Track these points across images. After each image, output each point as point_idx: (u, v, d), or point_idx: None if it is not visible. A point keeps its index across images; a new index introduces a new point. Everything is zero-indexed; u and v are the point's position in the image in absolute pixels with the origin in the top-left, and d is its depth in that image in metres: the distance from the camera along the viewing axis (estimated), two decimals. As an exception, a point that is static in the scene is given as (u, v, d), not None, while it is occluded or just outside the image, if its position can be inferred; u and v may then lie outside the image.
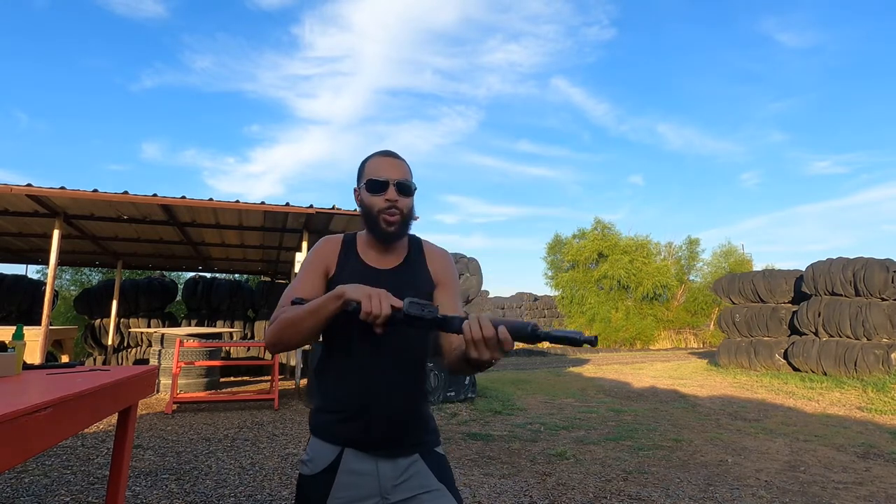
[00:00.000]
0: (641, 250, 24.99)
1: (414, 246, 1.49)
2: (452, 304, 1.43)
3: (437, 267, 1.47)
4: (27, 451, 1.19)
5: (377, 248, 1.41)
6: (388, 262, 1.42)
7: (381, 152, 1.44)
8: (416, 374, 1.37)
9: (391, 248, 1.42)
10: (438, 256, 1.50)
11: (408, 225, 1.40)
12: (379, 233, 1.36)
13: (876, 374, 9.08)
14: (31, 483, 3.73)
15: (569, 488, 3.80)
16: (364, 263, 1.40)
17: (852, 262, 10.10)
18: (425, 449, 1.34)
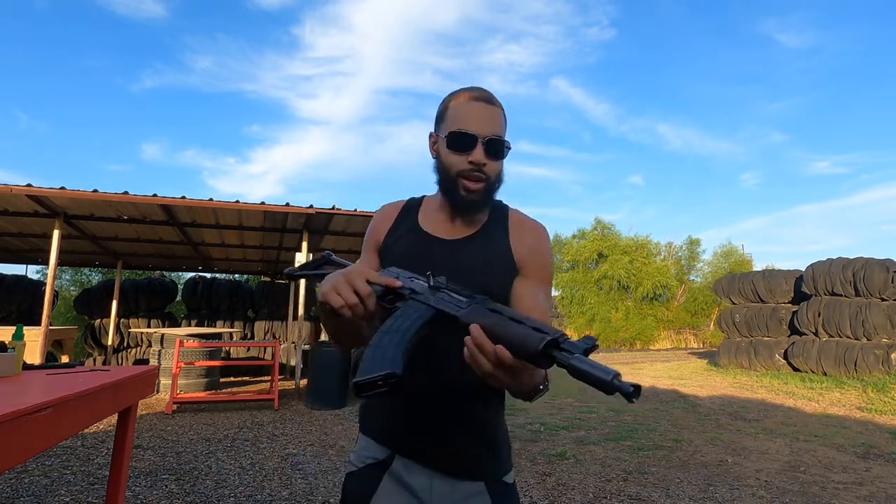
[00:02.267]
0: (641, 250, 25.00)
1: (495, 214, 1.17)
2: (532, 301, 1.08)
3: (523, 245, 1.13)
4: (27, 451, 1.19)
5: (447, 214, 1.14)
6: (454, 231, 1.14)
7: (471, 91, 1.11)
8: None
9: (470, 216, 1.13)
10: (529, 232, 1.16)
11: (493, 194, 1.11)
12: (455, 199, 1.09)
13: (876, 375, 9.08)
14: (31, 483, 3.73)
15: (569, 488, 3.80)
16: (420, 230, 1.15)
17: (852, 262, 10.11)
18: (494, 479, 1.07)
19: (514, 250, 1.12)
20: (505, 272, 1.11)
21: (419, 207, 1.21)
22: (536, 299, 1.10)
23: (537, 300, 1.10)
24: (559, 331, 0.70)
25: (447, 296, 0.86)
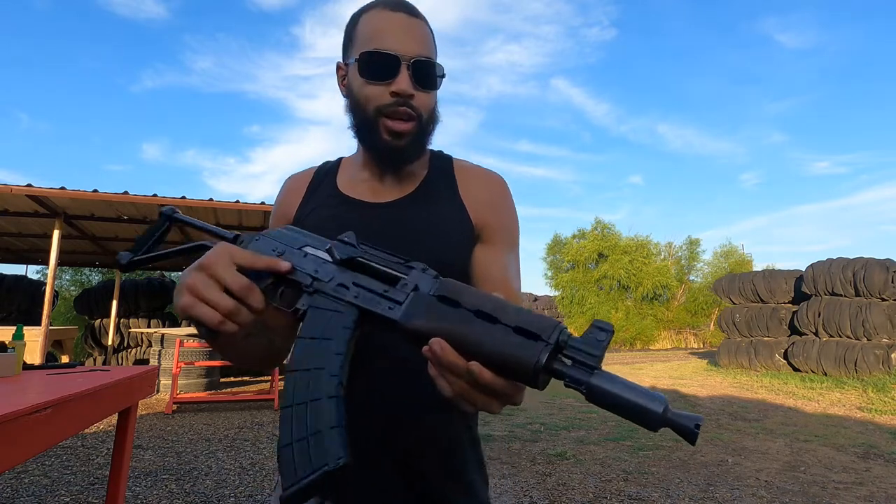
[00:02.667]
0: (641, 250, 25.01)
1: (437, 166, 0.93)
2: (500, 273, 0.87)
3: (480, 202, 0.89)
4: (27, 451, 1.19)
5: (372, 171, 0.90)
6: (385, 193, 0.89)
7: (385, 2, 0.85)
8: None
9: (398, 171, 0.89)
10: (485, 184, 0.91)
11: (427, 136, 0.86)
12: (377, 147, 0.84)
13: (876, 375, 9.08)
14: (31, 483, 3.73)
15: (569, 488, 3.80)
16: (341, 196, 0.89)
17: (852, 262, 10.11)
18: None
19: (470, 209, 0.88)
20: (462, 240, 0.86)
21: (337, 170, 0.95)
22: (507, 271, 0.88)
23: (508, 273, 0.87)
24: (555, 322, 0.50)
25: (369, 277, 0.60)
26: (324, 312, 0.59)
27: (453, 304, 0.54)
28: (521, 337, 0.50)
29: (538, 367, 0.48)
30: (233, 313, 0.57)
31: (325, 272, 0.62)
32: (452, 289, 0.56)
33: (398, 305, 0.57)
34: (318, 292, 0.61)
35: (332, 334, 0.58)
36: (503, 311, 0.52)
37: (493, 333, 0.51)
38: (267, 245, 0.67)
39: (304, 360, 0.57)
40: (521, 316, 0.52)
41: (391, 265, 0.60)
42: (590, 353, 0.49)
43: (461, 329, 0.52)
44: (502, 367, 0.50)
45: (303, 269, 0.63)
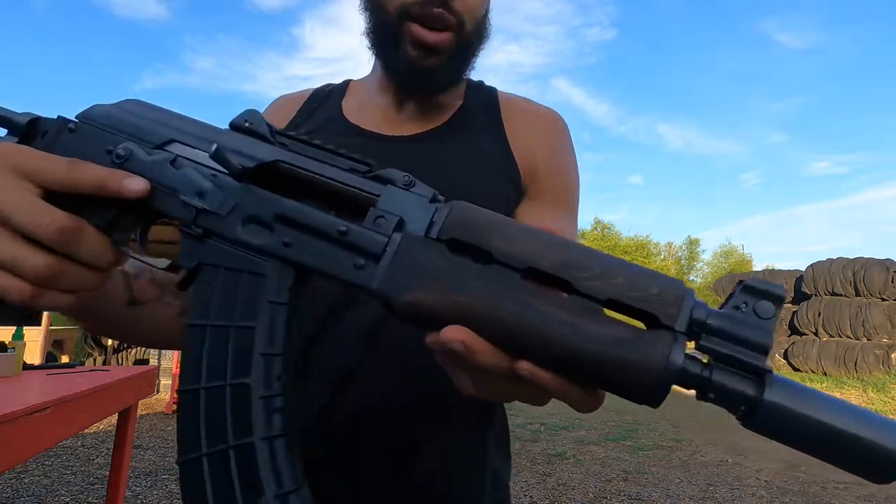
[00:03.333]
0: (641, 250, 25.06)
1: (476, 96, 0.73)
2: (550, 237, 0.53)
3: (528, 144, 0.69)
4: (27, 451, 1.19)
5: (390, 97, 0.71)
6: (404, 124, 0.69)
7: None
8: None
9: (423, 100, 0.70)
10: (536, 122, 0.72)
11: (470, 53, 0.67)
12: (398, 64, 0.65)
13: (876, 375, 9.08)
14: (31, 483, 3.73)
15: (569, 488, 3.80)
16: (345, 122, 0.70)
17: (852, 262, 10.11)
18: None
19: (517, 153, 0.68)
20: (504, 191, 0.65)
21: (343, 94, 0.75)
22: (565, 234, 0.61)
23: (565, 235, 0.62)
24: (681, 287, 0.31)
25: (305, 203, 0.36)
26: (229, 275, 0.35)
27: (478, 253, 0.32)
28: (618, 320, 0.30)
29: (664, 376, 0.29)
30: (49, 277, 0.35)
31: (219, 196, 0.37)
32: (474, 223, 0.33)
33: (371, 261, 0.34)
34: (211, 236, 0.36)
35: (251, 315, 0.35)
36: (575, 265, 0.31)
37: (560, 312, 0.30)
38: (95, 141, 0.39)
39: (208, 366, 0.34)
40: (611, 271, 0.31)
41: (346, 178, 0.37)
42: (752, 341, 0.30)
43: (502, 304, 0.30)
44: (582, 373, 0.30)
45: (174, 187, 0.37)
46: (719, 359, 0.30)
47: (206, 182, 0.37)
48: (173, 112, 0.42)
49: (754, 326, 0.30)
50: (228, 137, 0.39)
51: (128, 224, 0.39)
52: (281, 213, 0.35)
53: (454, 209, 0.35)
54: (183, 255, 0.37)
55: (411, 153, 0.66)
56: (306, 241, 0.35)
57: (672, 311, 0.30)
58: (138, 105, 0.42)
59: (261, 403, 0.34)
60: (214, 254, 0.36)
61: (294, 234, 0.35)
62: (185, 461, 0.33)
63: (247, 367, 0.34)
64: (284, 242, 0.35)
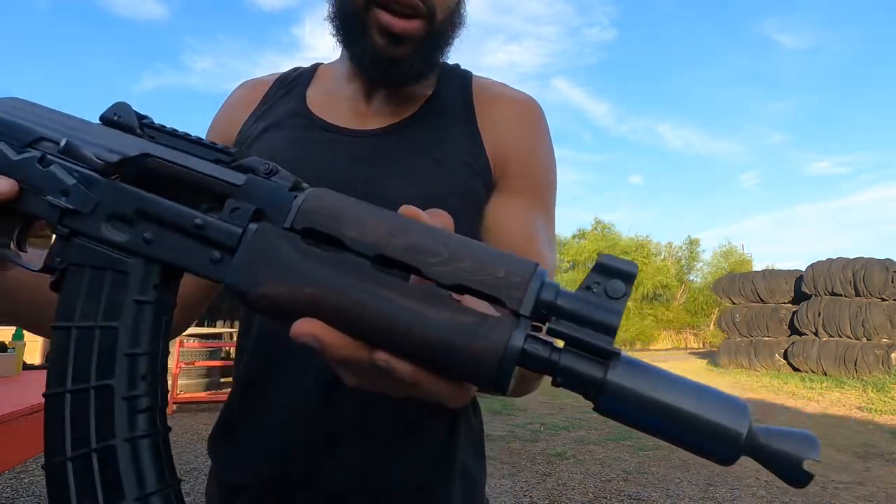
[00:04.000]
0: (641, 250, 25.04)
1: (450, 85, 0.69)
2: (523, 231, 0.63)
3: (500, 132, 0.66)
4: (27, 451, 1.19)
5: (358, 87, 0.67)
6: (371, 117, 0.66)
7: None
8: (427, 414, 0.61)
9: (392, 90, 0.66)
10: (509, 109, 0.68)
11: (442, 42, 0.63)
12: (364, 53, 0.61)
13: (876, 374, 9.08)
14: (31, 483, 3.73)
15: (569, 488, 3.80)
16: (309, 116, 0.66)
17: (852, 262, 10.11)
18: None
19: (489, 145, 0.64)
20: (472, 186, 0.63)
21: (309, 79, 0.71)
22: (532, 229, 0.63)
23: (534, 232, 0.63)
24: (528, 264, 0.30)
25: (167, 197, 0.36)
26: (94, 274, 0.35)
27: (330, 241, 0.32)
28: (465, 307, 0.29)
29: (504, 362, 0.28)
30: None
31: (82, 194, 0.36)
32: (327, 211, 0.32)
33: (227, 254, 0.33)
34: (77, 235, 0.36)
35: (115, 315, 0.34)
36: (423, 249, 0.30)
37: (404, 299, 0.29)
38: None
39: (74, 369, 0.34)
40: (459, 254, 0.30)
41: (209, 168, 0.36)
42: (599, 322, 0.29)
43: (348, 293, 0.30)
44: (430, 361, 0.29)
45: (40, 187, 0.37)
46: (568, 342, 0.29)
47: (70, 180, 0.36)
48: (54, 110, 0.41)
49: (602, 307, 0.29)
50: (97, 131, 0.39)
51: (4, 226, 0.39)
52: (141, 207, 0.35)
53: (308, 197, 0.33)
54: (52, 255, 0.36)
55: (377, 149, 0.63)
56: (165, 235, 0.35)
57: (517, 294, 0.29)
58: (17, 102, 0.41)
59: (124, 405, 0.33)
60: (80, 253, 0.35)
61: (154, 229, 0.35)
62: (50, 466, 0.33)
63: (110, 368, 0.33)
64: (145, 238, 0.35)
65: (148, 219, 0.35)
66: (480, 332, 0.28)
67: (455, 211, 0.56)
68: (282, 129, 0.66)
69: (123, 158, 0.37)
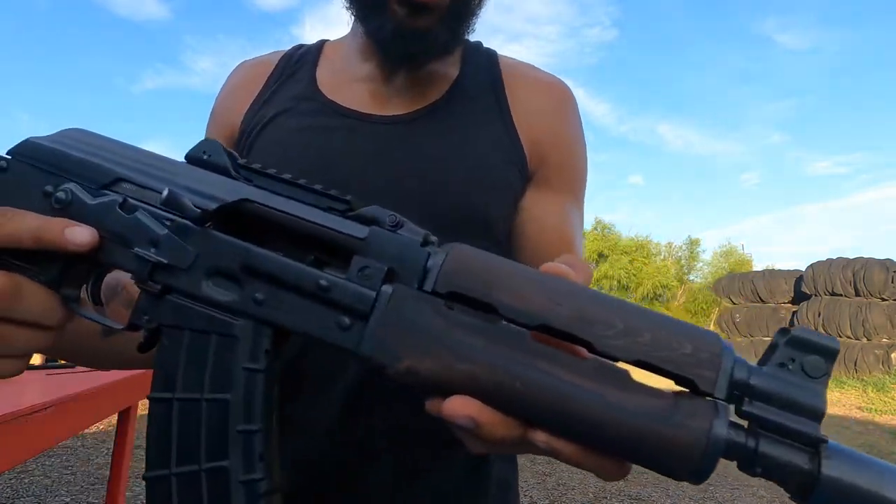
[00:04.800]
0: (641, 251, 25.06)
1: (477, 66, 0.64)
2: (560, 224, 0.60)
3: (535, 122, 0.61)
4: (27, 451, 1.19)
5: (375, 68, 0.61)
6: (394, 102, 0.60)
7: None
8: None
9: (414, 70, 0.60)
10: (543, 95, 0.63)
11: (466, 15, 0.57)
12: (383, 28, 0.55)
13: (876, 374, 9.08)
14: (31, 483, 3.73)
15: (569, 488, 3.80)
16: (321, 98, 0.60)
17: (852, 262, 10.12)
18: None
19: (523, 134, 0.60)
20: (510, 179, 0.59)
21: (316, 57, 0.65)
22: (569, 224, 0.60)
23: (570, 227, 0.60)
24: (715, 341, 0.28)
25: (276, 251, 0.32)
26: (195, 338, 0.31)
27: (479, 306, 0.28)
28: (647, 387, 0.27)
29: (707, 454, 0.26)
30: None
31: (177, 245, 0.32)
32: (475, 273, 0.29)
33: (359, 321, 0.29)
34: (171, 291, 0.32)
35: (224, 385, 0.31)
36: (594, 320, 0.27)
37: (580, 379, 0.26)
38: (31, 182, 0.34)
39: (179, 448, 0.30)
40: (636, 326, 0.27)
41: (323, 218, 0.32)
42: (802, 405, 0.26)
43: (511, 371, 0.26)
44: (609, 447, 0.27)
45: (124, 236, 0.32)
46: (766, 427, 0.26)
47: (160, 229, 0.32)
48: (122, 143, 0.37)
49: (803, 387, 0.26)
50: (184, 173, 0.34)
51: (78, 275, 0.35)
52: (249, 263, 0.31)
53: (450, 256, 0.29)
54: (138, 313, 0.32)
55: (403, 138, 0.57)
56: (281, 297, 0.30)
57: (709, 375, 0.26)
58: (81, 135, 0.37)
59: (241, 489, 0.29)
60: (176, 313, 0.31)
61: (267, 288, 0.31)
62: None
63: (223, 447, 0.29)
64: (256, 299, 0.31)
65: (258, 276, 0.31)
66: (677, 420, 0.26)
67: (490, 204, 0.57)
68: (292, 116, 0.59)
69: (221, 206, 0.32)
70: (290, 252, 0.32)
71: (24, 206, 0.33)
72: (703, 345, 0.27)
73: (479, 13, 0.59)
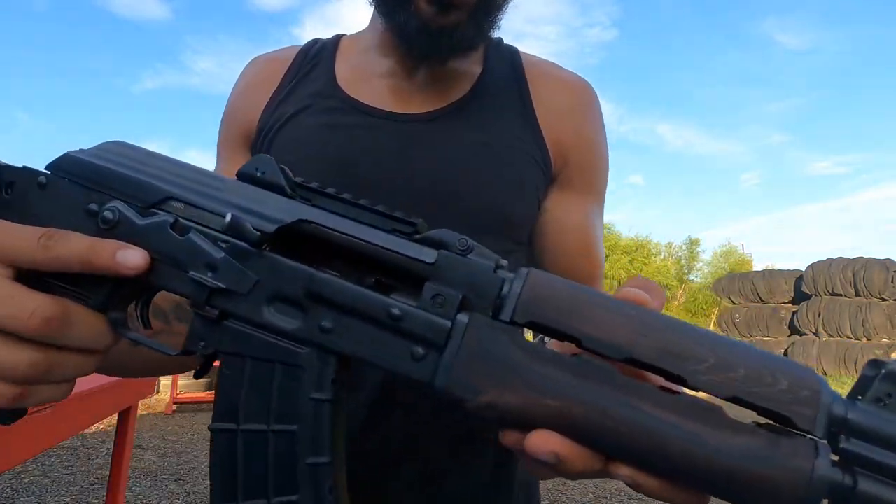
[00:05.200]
0: (641, 251, 25.06)
1: (500, 62, 0.63)
2: (584, 223, 0.61)
3: (559, 122, 0.61)
4: (27, 451, 1.19)
5: (397, 64, 0.60)
6: (417, 100, 0.59)
7: None
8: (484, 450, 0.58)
9: (438, 66, 0.59)
10: (566, 95, 0.63)
11: (493, 11, 0.56)
12: (408, 23, 0.53)
13: (876, 375, 9.09)
14: (31, 483, 3.73)
15: (569, 488, 3.80)
16: (341, 95, 0.59)
17: (852, 262, 10.12)
18: None
19: (548, 134, 0.59)
20: (534, 181, 0.58)
21: (333, 52, 0.63)
22: (591, 226, 0.61)
23: (592, 230, 0.61)
24: (812, 377, 0.27)
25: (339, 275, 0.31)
26: (258, 367, 0.30)
27: (560, 337, 0.28)
28: (743, 425, 0.26)
29: (809, 495, 0.25)
30: (36, 376, 0.30)
31: (235, 270, 0.30)
32: (554, 302, 0.28)
33: (433, 351, 0.28)
34: (228, 317, 0.31)
35: (291, 416, 0.30)
36: (685, 354, 0.26)
37: (673, 416, 0.26)
38: (73, 199, 0.33)
39: (245, 482, 0.29)
40: (730, 361, 0.26)
41: (390, 241, 0.30)
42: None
43: (600, 407, 0.26)
44: (700, 486, 0.26)
45: (179, 259, 0.31)
46: (865, 465, 0.25)
47: (217, 252, 0.30)
48: (166, 157, 0.35)
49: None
50: (236, 190, 0.32)
51: (125, 296, 0.33)
52: (314, 289, 0.29)
53: (528, 284, 0.28)
54: (194, 338, 0.31)
55: (425, 136, 0.55)
56: (350, 325, 0.29)
57: (809, 413, 0.26)
58: (122, 149, 0.35)
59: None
60: (236, 340, 0.30)
61: (333, 316, 0.29)
62: None
63: (292, 481, 0.28)
64: (322, 327, 0.29)
65: (323, 303, 0.29)
66: (777, 460, 0.25)
67: (513, 205, 0.56)
68: (311, 113, 0.57)
69: (282, 227, 0.30)
70: (347, 273, 0.31)
71: (66, 225, 0.31)
72: (800, 381, 0.26)
73: (507, 7, 0.57)
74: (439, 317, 0.28)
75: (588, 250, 0.60)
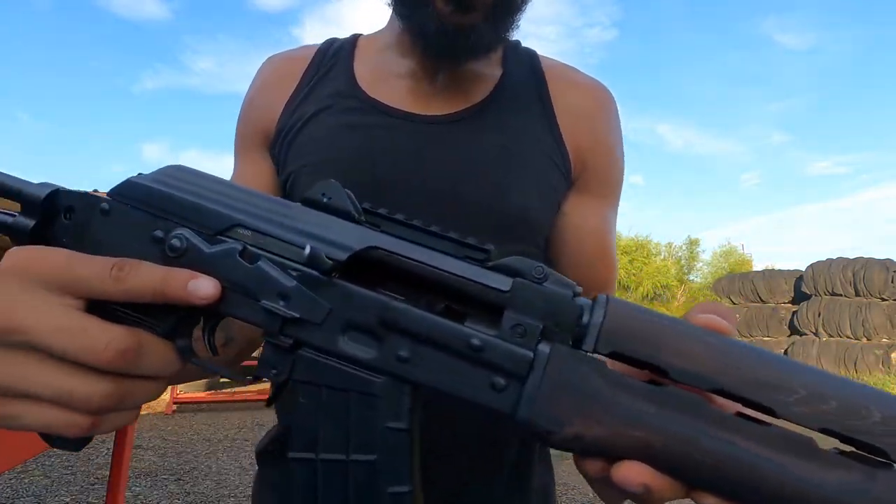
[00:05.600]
0: (641, 250, 25.02)
1: (519, 65, 0.63)
2: (601, 227, 0.63)
3: (579, 126, 0.61)
4: (27, 451, 1.19)
5: (416, 65, 0.60)
6: (437, 102, 0.59)
7: None
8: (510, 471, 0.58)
9: (457, 68, 0.59)
10: (586, 99, 0.64)
11: (512, 12, 0.56)
12: (426, 24, 0.53)
13: (876, 375, 9.08)
14: (31, 483, 3.73)
15: (569, 488, 3.80)
16: (362, 95, 0.59)
17: (852, 262, 10.12)
18: None
19: (567, 136, 0.59)
20: (552, 184, 0.59)
21: (351, 52, 0.63)
22: (608, 231, 0.62)
23: (608, 234, 0.62)
24: None
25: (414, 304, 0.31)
26: (334, 396, 0.30)
27: (644, 367, 0.28)
28: (836, 457, 0.27)
29: None
30: (109, 406, 0.30)
31: (308, 298, 0.30)
32: (637, 332, 0.28)
33: (514, 382, 0.28)
34: (301, 346, 0.30)
35: (370, 446, 0.30)
36: (774, 385, 0.26)
37: (765, 449, 0.26)
38: (138, 227, 0.33)
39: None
40: (821, 392, 0.27)
41: (464, 269, 0.30)
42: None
43: (690, 443, 0.26)
44: None
45: (249, 288, 0.31)
46: None
47: (288, 281, 0.30)
48: (228, 182, 0.34)
49: None
50: (303, 217, 0.32)
51: (192, 324, 0.33)
52: (389, 318, 0.29)
53: (609, 313, 0.28)
54: (266, 366, 0.31)
55: (446, 138, 0.55)
56: (427, 355, 0.29)
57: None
58: (184, 174, 0.34)
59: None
60: (310, 369, 0.30)
61: (411, 346, 0.29)
62: None
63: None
64: (399, 357, 0.29)
65: (399, 332, 0.29)
66: (875, 495, 0.25)
67: (534, 209, 0.56)
68: (332, 113, 0.57)
69: (353, 254, 0.30)
70: (415, 299, 0.31)
71: (131, 252, 0.31)
72: (893, 413, 0.26)
73: (525, 8, 0.57)
74: (521, 347, 0.28)
75: (605, 255, 0.61)
